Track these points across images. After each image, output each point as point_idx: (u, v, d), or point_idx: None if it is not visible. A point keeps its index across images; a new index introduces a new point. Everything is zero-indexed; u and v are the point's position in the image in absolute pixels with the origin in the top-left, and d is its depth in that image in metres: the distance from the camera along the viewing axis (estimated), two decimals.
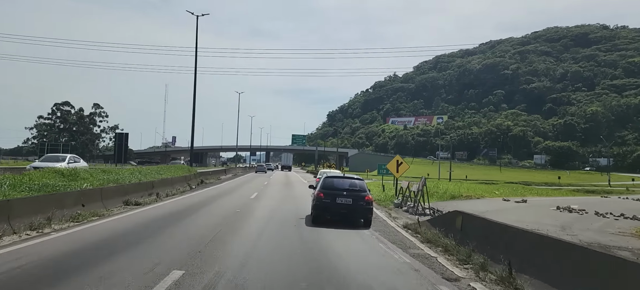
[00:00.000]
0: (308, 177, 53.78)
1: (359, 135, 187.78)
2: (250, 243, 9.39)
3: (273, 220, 13.20)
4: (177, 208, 15.54)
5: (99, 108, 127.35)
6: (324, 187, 13.21)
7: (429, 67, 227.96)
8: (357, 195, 12.86)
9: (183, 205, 16.47)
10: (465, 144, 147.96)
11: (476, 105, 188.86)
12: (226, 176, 45.05)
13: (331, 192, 12.84)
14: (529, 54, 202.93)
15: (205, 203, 17.70)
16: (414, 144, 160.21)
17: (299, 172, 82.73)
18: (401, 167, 22.67)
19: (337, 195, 12.71)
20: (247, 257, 7.86)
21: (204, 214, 14.39)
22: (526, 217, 16.59)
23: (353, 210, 12.69)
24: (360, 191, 13.05)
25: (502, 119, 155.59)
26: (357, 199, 12.72)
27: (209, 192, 24.35)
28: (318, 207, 12.86)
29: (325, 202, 12.71)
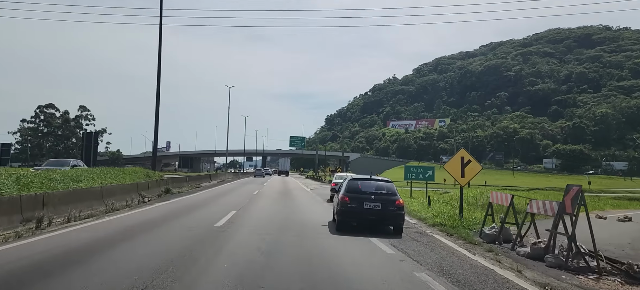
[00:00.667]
0: (309, 183, 45.42)
1: (359, 139, 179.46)
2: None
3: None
4: (46, 256, 7.07)
5: (85, 110, 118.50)
6: (349, 190, 11.70)
7: (429, 70, 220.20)
8: (387, 199, 11.34)
9: (71, 248, 7.87)
10: (470, 147, 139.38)
11: (479, 107, 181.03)
12: (210, 183, 36.52)
13: (357, 196, 11.36)
14: (531, 55, 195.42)
15: (115, 243, 9.03)
16: (416, 147, 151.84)
17: (297, 177, 74.31)
18: (469, 168, 13.93)
19: (364, 200, 11.23)
20: None
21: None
22: None
23: (382, 216, 11.22)
24: (390, 195, 11.56)
25: (508, 121, 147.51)
26: (386, 204, 11.21)
27: (165, 208, 15.82)
28: (343, 213, 11.31)
29: (351, 208, 11.20)
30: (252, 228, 11.05)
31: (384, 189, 11.78)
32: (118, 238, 8.87)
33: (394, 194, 11.62)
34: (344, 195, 11.51)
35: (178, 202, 18.14)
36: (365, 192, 11.53)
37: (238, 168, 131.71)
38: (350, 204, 11.23)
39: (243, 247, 8.44)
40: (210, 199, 20.43)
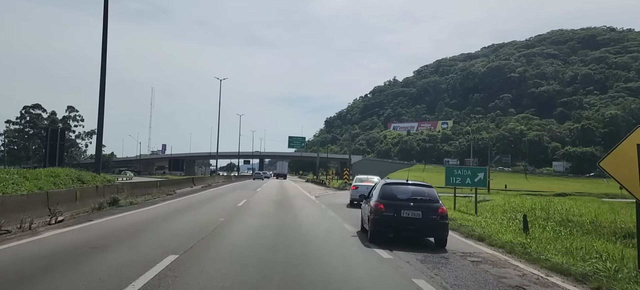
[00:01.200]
0: (311, 188, 38.46)
1: (360, 142, 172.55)
2: None
3: None
4: None
5: (74, 111, 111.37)
6: (384, 196, 10.13)
7: (430, 72, 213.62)
8: (428, 206, 9.81)
9: None
10: (476, 150, 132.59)
11: (482, 109, 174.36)
12: (192, 188, 29.64)
13: (394, 204, 9.84)
14: (534, 56, 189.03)
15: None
16: (419, 150, 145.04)
17: (297, 181, 67.15)
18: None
19: (402, 208, 9.72)
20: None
21: None
22: None
23: (423, 226, 9.71)
24: (432, 201, 9.99)
25: (514, 123, 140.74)
26: (428, 212, 9.69)
27: (49, 243, 8.65)
28: (378, 223, 9.78)
29: (387, 216, 9.71)
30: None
31: (424, 194, 10.28)
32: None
33: (435, 200, 10.14)
34: (378, 202, 10.01)
35: (100, 225, 10.97)
36: (403, 199, 10.05)
37: (235, 171, 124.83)
38: (385, 212, 9.80)
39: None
40: (167, 215, 13.42)
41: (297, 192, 30.35)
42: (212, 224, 11.54)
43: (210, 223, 11.67)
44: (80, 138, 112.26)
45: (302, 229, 11.69)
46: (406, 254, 8.58)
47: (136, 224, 11.29)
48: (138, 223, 11.53)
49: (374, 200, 10.28)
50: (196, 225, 11.13)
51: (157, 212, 14.05)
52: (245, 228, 11.30)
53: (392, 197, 10.08)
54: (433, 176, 73.56)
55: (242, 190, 30.50)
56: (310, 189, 38.03)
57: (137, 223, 11.53)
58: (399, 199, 10.00)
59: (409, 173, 73.30)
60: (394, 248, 8.98)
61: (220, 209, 15.44)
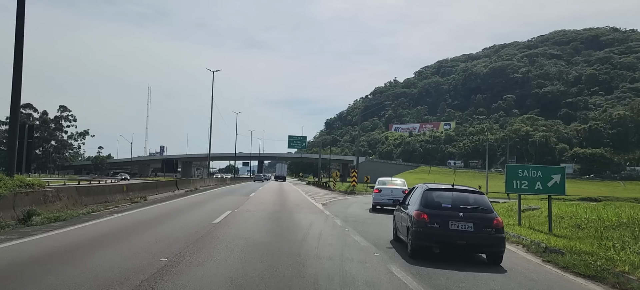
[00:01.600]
0: (315, 192, 33.35)
1: (361, 143, 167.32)
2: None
3: None
4: None
5: (66, 111, 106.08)
6: (428, 204, 8.56)
7: (431, 72, 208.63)
8: (481, 217, 8.29)
9: None
10: (481, 151, 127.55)
11: (485, 110, 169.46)
12: (173, 192, 24.64)
13: (439, 213, 8.34)
14: (537, 57, 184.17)
15: None
16: (422, 151, 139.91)
17: (297, 184, 61.80)
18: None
19: (450, 218, 8.20)
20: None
21: None
22: None
23: (475, 240, 8.13)
24: (484, 211, 8.44)
25: (520, 123, 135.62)
26: (481, 224, 8.18)
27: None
28: (422, 236, 8.20)
29: (432, 228, 8.15)
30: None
31: (474, 203, 8.64)
32: None
33: (489, 209, 8.53)
34: (419, 211, 8.39)
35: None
36: (450, 208, 8.49)
37: (232, 173, 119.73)
38: (430, 223, 8.16)
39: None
40: (76, 248, 7.85)
41: (299, 198, 25.22)
42: (138, 272, 5.99)
43: (136, 270, 6.09)
44: (72, 138, 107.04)
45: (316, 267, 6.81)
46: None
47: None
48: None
49: (414, 209, 8.77)
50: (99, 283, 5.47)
51: (70, 239, 8.51)
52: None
53: (436, 206, 8.66)
54: (441, 179, 68.47)
55: (231, 195, 25.37)
56: (314, 193, 32.92)
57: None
58: (444, 208, 8.63)
59: (405, 174, 68.81)
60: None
61: (183, 230, 10.03)
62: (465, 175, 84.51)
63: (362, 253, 8.41)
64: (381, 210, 18.94)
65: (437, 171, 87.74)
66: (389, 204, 18.60)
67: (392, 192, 18.90)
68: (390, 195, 18.80)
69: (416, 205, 8.79)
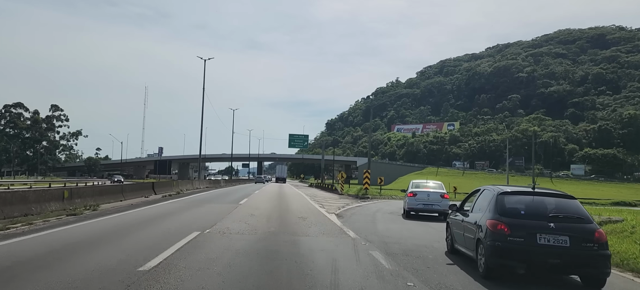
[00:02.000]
0: (320, 197, 28.21)
1: (363, 144, 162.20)
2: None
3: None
4: None
5: (58, 110, 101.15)
6: (504, 212, 6.81)
7: (434, 72, 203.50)
8: (579, 229, 6.56)
9: None
10: (487, 152, 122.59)
11: (489, 110, 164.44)
12: (146, 198, 19.47)
13: (523, 224, 6.59)
14: (542, 56, 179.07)
15: None
16: (426, 152, 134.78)
17: (299, 186, 56.47)
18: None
19: (539, 230, 6.45)
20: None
21: None
22: None
23: (573, 258, 6.35)
24: (582, 220, 6.71)
25: (527, 123, 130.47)
26: (579, 237, 6.43)
27: None
28: (500, 253, 6.43)
29: (515, 243, 6.41)
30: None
31: (566, 210, 6.83)
32: None
33: (587, 219, 6.72)
34: (496, 221, 6.66)
35: None
36: (535, 216, 6.68)
37: (229, 175, 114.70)
38: (511, 236, 6.42)
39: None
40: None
41: (304, 206, 20.18)
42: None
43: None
44: (65, 139, 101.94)
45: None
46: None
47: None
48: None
49: (487, 217, 6.94)
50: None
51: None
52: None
53: (515, 214, 6.78)
54: (454, 181, 63.38)
55: (215, 203, 20.25)
56: (321, 198, 27.82)
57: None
58: (529, 217, 6.72)
59: (407, 176, 63.50)
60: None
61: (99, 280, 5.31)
62: (474, 177, 79.48)
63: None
64: (415, 215, 16.91)
65: (444, 172, 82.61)
66: (426, 209, 16.99)
67: (429, 196, 17.01)
68: (426, 200, 16.95)
69: (488, 212, 7.10)
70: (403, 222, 14.89)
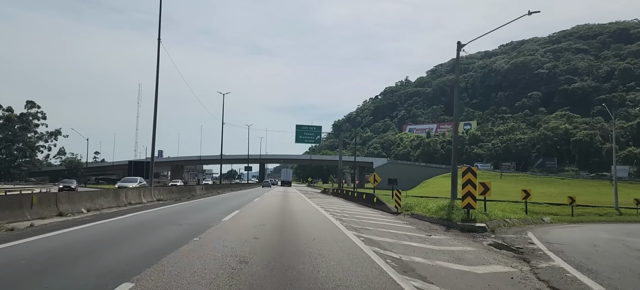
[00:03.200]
0: (357, 216, 13.41)
1: (374, 145, 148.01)
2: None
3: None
4: None
5: (34, 107, 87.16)
6: None
7: (446, 70, 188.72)
8: None
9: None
10: (513, 152, 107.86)
11: (508, 109, 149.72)
12: (84, 215, 4.99)
13: None
14: (563, 52, 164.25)
15: None
16: (444, 153, 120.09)
17: (309, 193, 41.99)
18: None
19: None
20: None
21: None
22: None
23: None
24: None
25: (557, 121, 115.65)
26: None
27: None
28: None
29: None
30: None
31: None
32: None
33: None
34: None
35: None
36: None
37: (238, 178, 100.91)
38: None
39: None
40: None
41: (332, 244, 6.27)
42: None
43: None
44: (42, 139, 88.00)
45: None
46: None
47: None
48: None
49: None
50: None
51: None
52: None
53: None
54: (506, 186, 49.02)
55: (176, 225, 8.10)
56: (364, 220, 13.53)
57: None
58: None
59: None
60: None
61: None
62: (517, 180, 65.01)
63: None
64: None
65: (479, 175, 67.83)
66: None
67: None
68: None
69: None
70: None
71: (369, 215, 16.96)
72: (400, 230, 11.75)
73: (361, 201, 25.42)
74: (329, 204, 25.27)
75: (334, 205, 24.23)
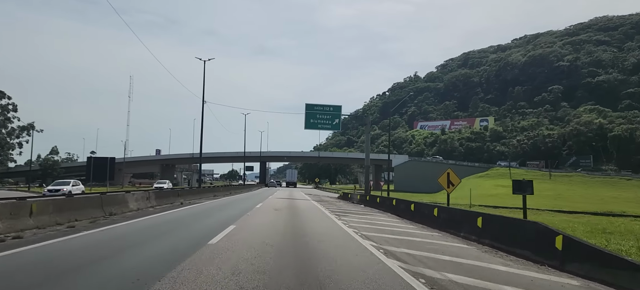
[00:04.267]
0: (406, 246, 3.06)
1: (384, 143, 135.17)
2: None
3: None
4: None
5: (4, 97, 74.90)
6: None
7: (458, 65, 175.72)
8: None
9: None
10: (543, 149, 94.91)
11: (526, 104, 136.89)
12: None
13: None
14: (583, 44, 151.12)
15: None
16: (463, 150, 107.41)
17: (323, 200, 29.18)
18: None
19: None
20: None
21: None
22: None
23: None
24: None
25: (590, 114, 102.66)
26: None
27: None
28: None
29: None
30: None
31: None
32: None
33: None
34: None
35: None
36: None
37: (237, 180, 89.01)
38: None
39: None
40: None
41: None
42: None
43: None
44: (12, 135, 75.60)
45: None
46: None
47: None
48: None
49: None
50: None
51: None
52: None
53: None
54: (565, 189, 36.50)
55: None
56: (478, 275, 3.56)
57: None
58: None
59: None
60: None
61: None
62: (571, 181, 52.23)
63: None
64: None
65: (522, 174, 54.76)
66: None
67: None
68: None
69: None
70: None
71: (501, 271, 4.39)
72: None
73: (431, 221, 12.81)
74: (372, 225, 12.80)
75: (383, 228, 11.75)
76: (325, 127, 31.35)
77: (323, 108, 30.96)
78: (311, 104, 30.86)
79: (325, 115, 30.66)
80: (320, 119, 30.57)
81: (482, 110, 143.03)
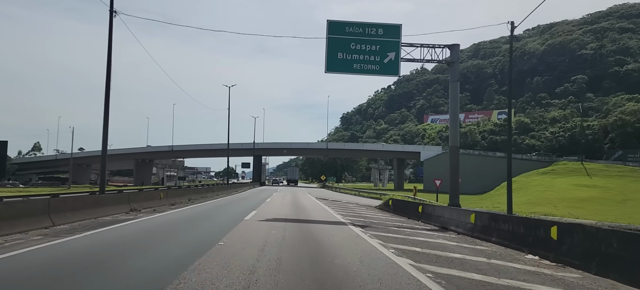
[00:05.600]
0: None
1: (393, 137, 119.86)
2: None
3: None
4: None
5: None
6: None
7: (468, 56, 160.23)
8: None
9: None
10: (583, 142, 79.65)
11: (546, 95, 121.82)
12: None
13: None
14: (606, 31, 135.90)
15: None
16: (485, 144, 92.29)
17: (350, 210, 14.29)
18: None
19: None
20: None
21: None
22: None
23: None
24: None
25: (636, 104, 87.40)
26: None
27: None
28: None
29: None
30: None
31: None
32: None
33: None
34: None
35: None
36: None
37: (232, 176, 74.09)
38: None
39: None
40: None
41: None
42: None
43: None
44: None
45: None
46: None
47: None
48: None
49: None
50: None
51: None
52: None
53: None
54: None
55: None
56: None
57: None
58: None
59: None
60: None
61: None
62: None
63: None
64: None
65: (601, 169, 39.36)
66: None
67: None
68: None
69: None
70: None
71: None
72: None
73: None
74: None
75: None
76: (367, 70, 15.57)
77: (364, 29, 15.22)
78: (339, 22, 15.33)
79: (366, 44, 15.10)
80: (357, 52, 15.02)
81: (497, 102, 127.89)
